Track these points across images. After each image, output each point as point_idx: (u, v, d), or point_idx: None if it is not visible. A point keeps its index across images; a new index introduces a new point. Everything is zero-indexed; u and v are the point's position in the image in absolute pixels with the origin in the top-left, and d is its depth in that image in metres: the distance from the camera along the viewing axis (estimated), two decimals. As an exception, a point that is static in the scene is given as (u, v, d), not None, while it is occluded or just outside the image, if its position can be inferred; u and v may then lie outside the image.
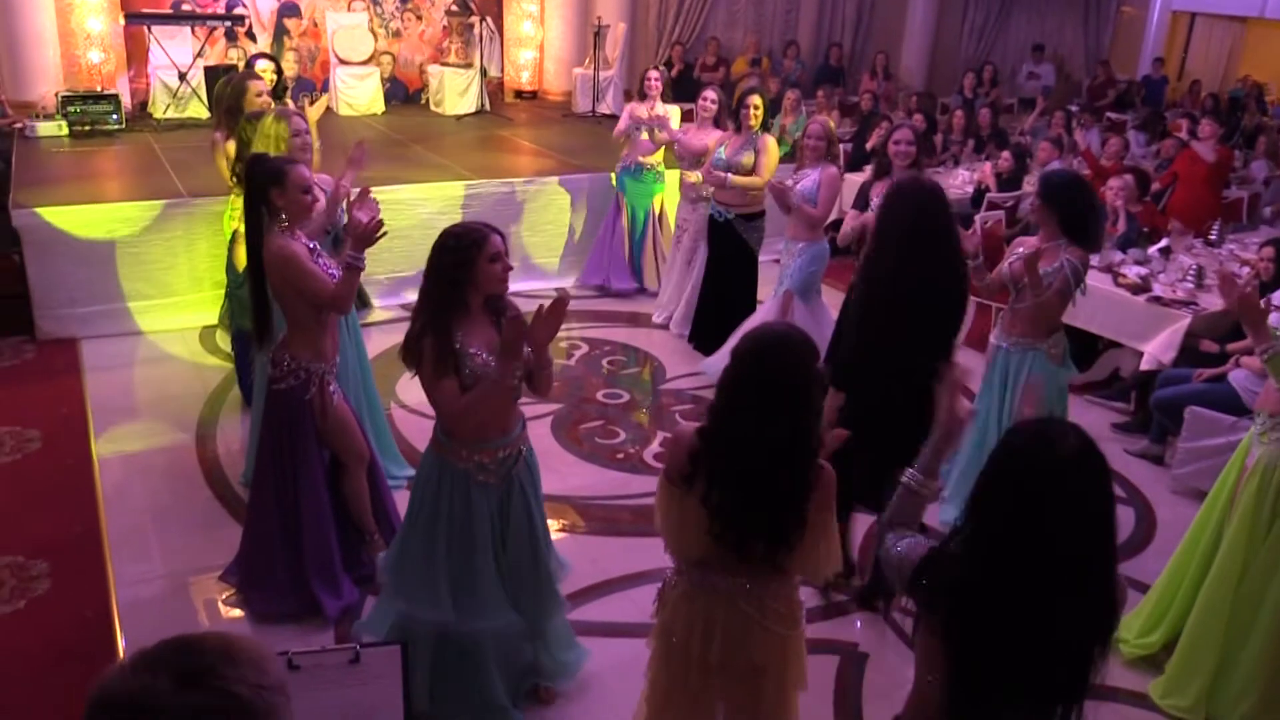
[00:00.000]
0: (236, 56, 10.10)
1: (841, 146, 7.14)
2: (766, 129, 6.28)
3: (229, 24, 10.35)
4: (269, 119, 4.54)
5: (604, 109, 11.01)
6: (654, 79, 7.35)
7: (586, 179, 8.06)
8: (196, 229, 6.65)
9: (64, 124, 8.84)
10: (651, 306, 7.45)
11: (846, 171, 7.04)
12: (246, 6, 10.74)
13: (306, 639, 3.69)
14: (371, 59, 11.03)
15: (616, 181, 7.57)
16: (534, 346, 3.07)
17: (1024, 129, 11.06)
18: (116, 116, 9.09)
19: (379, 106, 10.93)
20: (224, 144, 5.21)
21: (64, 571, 4.18)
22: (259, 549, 3.97)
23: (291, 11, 11.03)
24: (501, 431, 3.21)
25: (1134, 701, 3.74)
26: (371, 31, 11.16)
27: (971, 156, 9.68)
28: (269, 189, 3.70)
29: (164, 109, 9.75)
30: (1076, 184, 4.46)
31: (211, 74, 9.27)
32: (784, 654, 2.67)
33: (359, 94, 10.82)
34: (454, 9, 11.46)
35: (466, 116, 10.72)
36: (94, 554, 4.30)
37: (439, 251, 3.12)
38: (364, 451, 4.05)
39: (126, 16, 9.94)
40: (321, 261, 3.81)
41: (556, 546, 3.63)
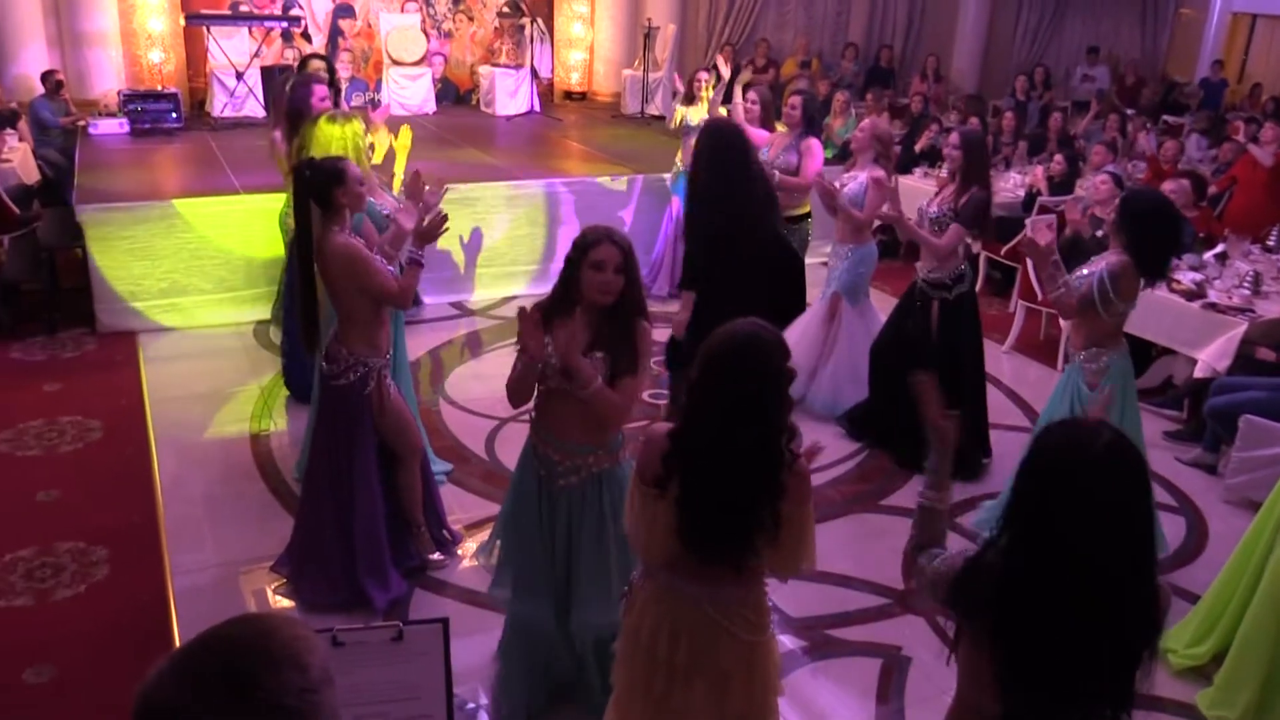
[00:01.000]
0: (292, 57, 10.27)
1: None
2: (814, 131, 6.25)
3: (285, 25, 10.55)
4: (355, 122, 4.55)
5: (653, 110, 11.05)
6: (703, 81, 7.38)
7: (640, 180, 8.07)
8: (252, 225, 6.78)
9: (125, 122, 9.06)
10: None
11: (897, 174, 6.99)
12: (302, 7, 10.93)
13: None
14: (424, 59, 11.17)
15: (674, 184, 7.60)
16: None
17: (1077, 132, 10.92)
18: (175, 115, 9.31)
19: (430, 106, 11.07)
20: (283, 145, 5.29)
21: (122, 558, 4.30)
22: (311, 540, 4.04)
23: (346, 13, 11.20)
24: (569, 437, 3.18)
25: (1181, 712, 3.69)
26: (424, 32, 11.30)
27: (1023, 159, 9.58)
28: (333, 189, 3.74)
29: (221, 107, 9.95)
30: (1156, 212, 4.14)
31: (268, 74, 9.47)
32: (750, 660, 2.61)
33: (411, 94, 10.97)
34: (505, 10, 11.57)
35: (516, 117, 10.82)
36: (151, 541, 4.41)
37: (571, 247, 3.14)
38: (419, 445, 4.14)
39: (187, 17, 10.16)
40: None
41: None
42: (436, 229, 3.80)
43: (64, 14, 9.64)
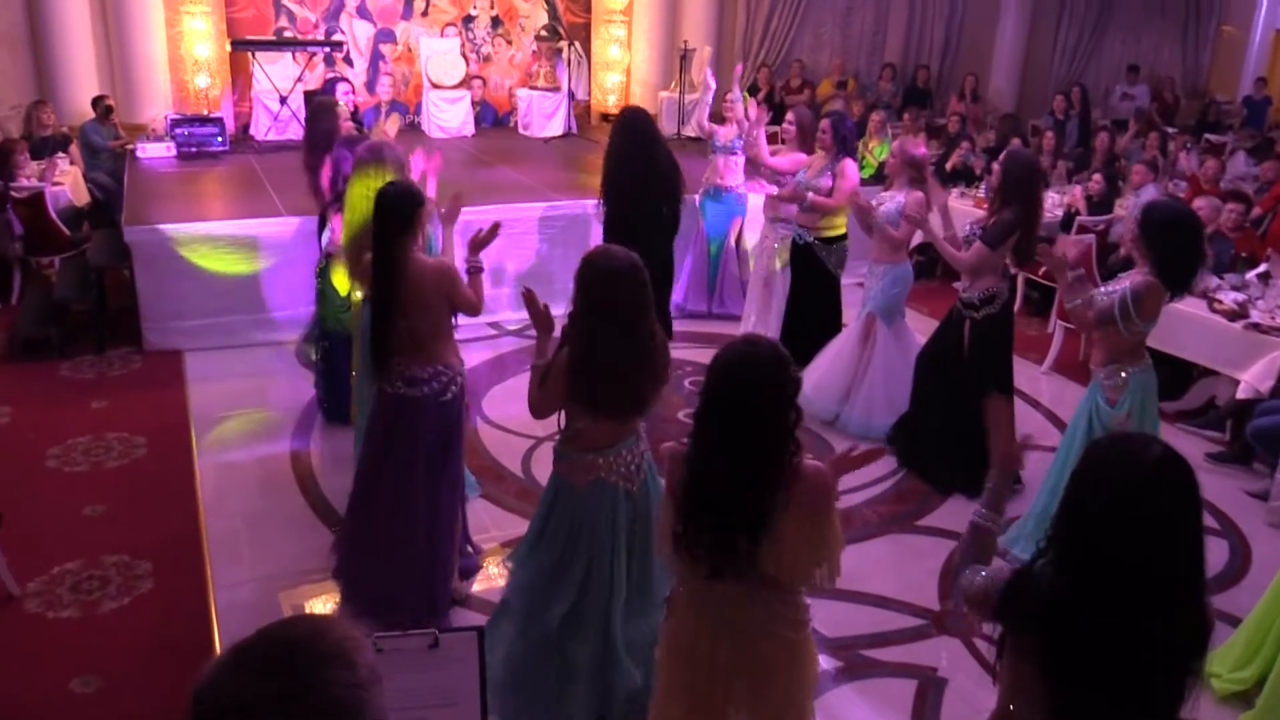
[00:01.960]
0: (324, 80, 10.48)
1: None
2: (848, 152, 6.26)
3: (328, 50, 10.75)
4: (386, 171, 4.42)
5: (689, 132, 11.11)
6: (732, 100, 7.43)
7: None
8: (293, 246, 6.90)
9: (172, 145, 9.27)
10: (726, 327, 7.52)
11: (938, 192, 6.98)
12: (344, 33, 11.14)
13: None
14: (463, 83, 11.33)
15: (699, 204, 7.66)
16: None
17: (1118, 150, 10.83)
18: (221, 139, 9.51)
19: (469, 129, 11.21)
20: (325, 174, 5.26)
21: (166, 571, 4.39)
22: (399, 566, 3.96)
23: (387, 37, 11.40)
24: (618, 439, 3.28)
25: (1225, 737, 3.64)
26: (463, 56, 11.46)
27: (1062, 178, 9.52)
28: (417, 211, 3.81)
29: (265, 131, 10.15)
30: (1177, 223, 4.08)
31: (310, 98, 9.64)
32: (792, 656, 2.66)
33: (450, 117, 11.12)
34: (543, 34, 11.71)
35: (553, 139, 10.92)
36: (194, 555, 4.50)
37: None
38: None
39: (233, 43, 10.39)
40: None
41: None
42: (490, 239, 3.98)
43: (114, 41, 9.89)
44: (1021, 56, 14.05)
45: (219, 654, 1.32)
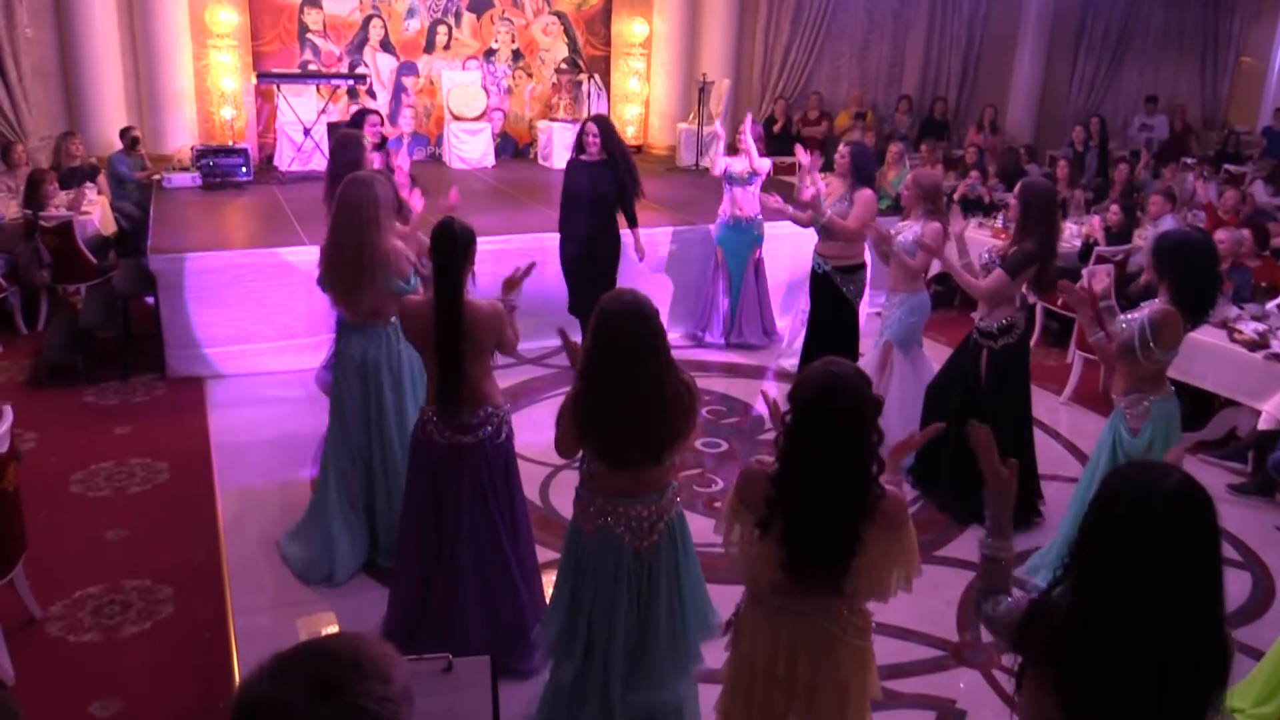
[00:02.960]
0: (352, 113, 10.62)
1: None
2: (866, 181, 6.30)
3: (351, 82, 10.92)
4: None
5: (707, 163, 11.18)
6: (745, 130, 7.51)
7: (685, 230, 8.20)
8: (316, 275, 6.94)
9: (198, 175, 9.41)
10: (745, 358, 7.57)
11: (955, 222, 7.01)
12: (368, 66, 11.30)
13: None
14: (484, 115, 11.45)
15: (717, 237, 7.73)
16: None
17: (1135, 181, 10.84)
18: (246, 169, 9.65)
19: (489, 160, 11.32)
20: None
21: (186, 596, 4.42)
22: (494, 616, 3.89)
23: (410, 70, 11.55)
24: (638, 492, 3.21)
25: (1249, 773, 3.59)
26: (484, 89, 11.60)
27: (1080, 209, 9.52)
28: (471, 246, 3.76)
29: (289, 162, 10.29)
30: (1189, 249, 4.09)
31: (333, 129, 9.76)
32: (863, 664, 2.77)
33: (471, 149, 11.24)
34: (563, 67, 11.85)
35: (573, 170, 11.00)
36: (214, 581, 4.53)
37: None
38: None
39: (258, 76, 10.56)
40: None
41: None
42: (523, 278, 3.91)
43: (143, 74, 10.07)
44: (1039, 88, 14.09)
45: (267, 658, 1.39)
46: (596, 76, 11.81)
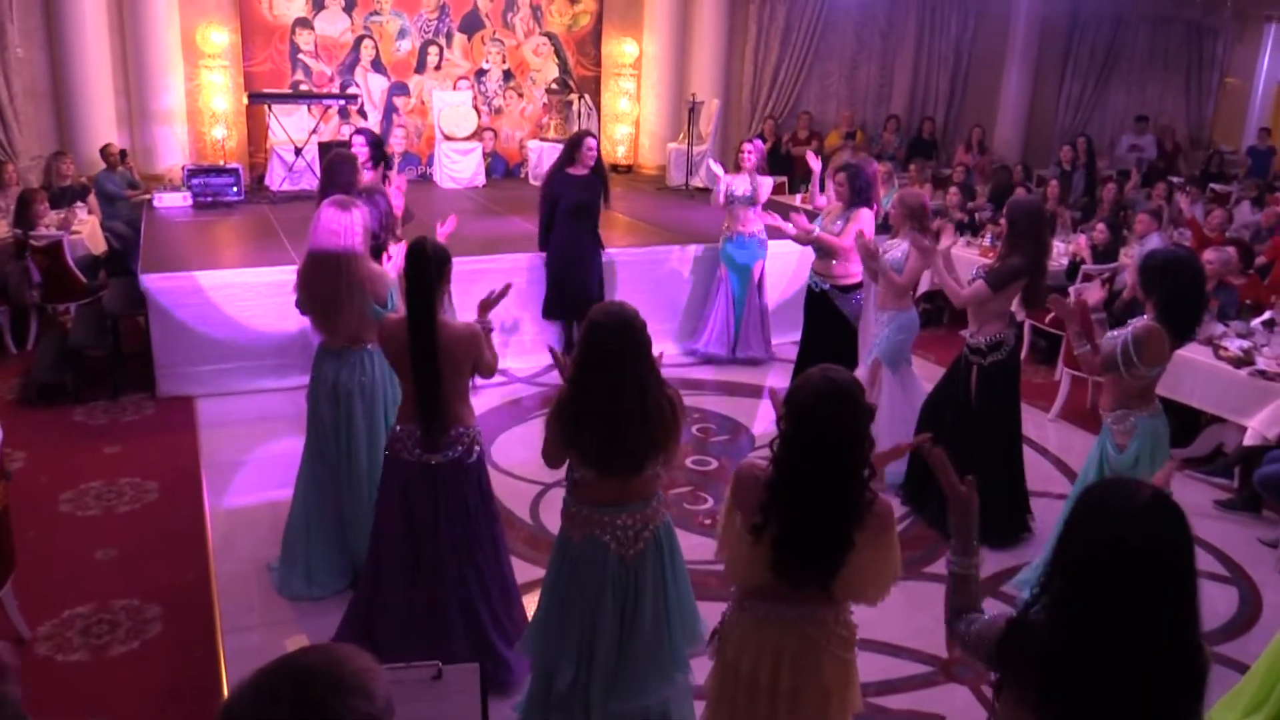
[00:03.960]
0: (348, 133, 10.66)
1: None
2: (863, 202, 6.36)
3: (343, 102, 10.96)
4: None
5: (697, 183, 11.25)
6: (748, 151, 7.56)
7: (677, 250, 8.26)
8: (307, 294, 6.96)
9: (189, 195, 9.43)
10: (746, 376, 7.60)
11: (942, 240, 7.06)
12: (359, 86, 11.36)
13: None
14: (474, 135, 11.51)
15: (722, 251, 7.80)
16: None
17: (1123, 200, 10.93)
18: (237, 189, 9.67)
19: (480, 180, 11.37)
20: None
21: (175, 615, 4.40)
22: (451, 627, 3.86)
23: (401, 90, 11.61)
24: (625, 500, 3.26)
25: (1237, 788, 3.60)
26: (475, 109, 11.65)
27: (1067, 228, 9.60)
28: (446, 267, 3.75)
29: (280, 181, 10.32)
30: (1175, 268, 4.10)
31: (325, 149, 9.80)
32: (847, 676, 2.79)
33: (462, 168, 11.28)
34: (554, 87, 11.93)
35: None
36: (204, 600, 4.52)
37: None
38: None
39: (250, 96, 10.60)
40: None
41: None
42: (498, 300, 3.94)
43: (134, 94, 10.11)
44: (1027, 107, 14.22)
45: (249, 675, 1.37)
46: (587, 96, 11.88)
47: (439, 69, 11.76)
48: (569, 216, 7.15)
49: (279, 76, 11.01)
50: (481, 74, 11.97)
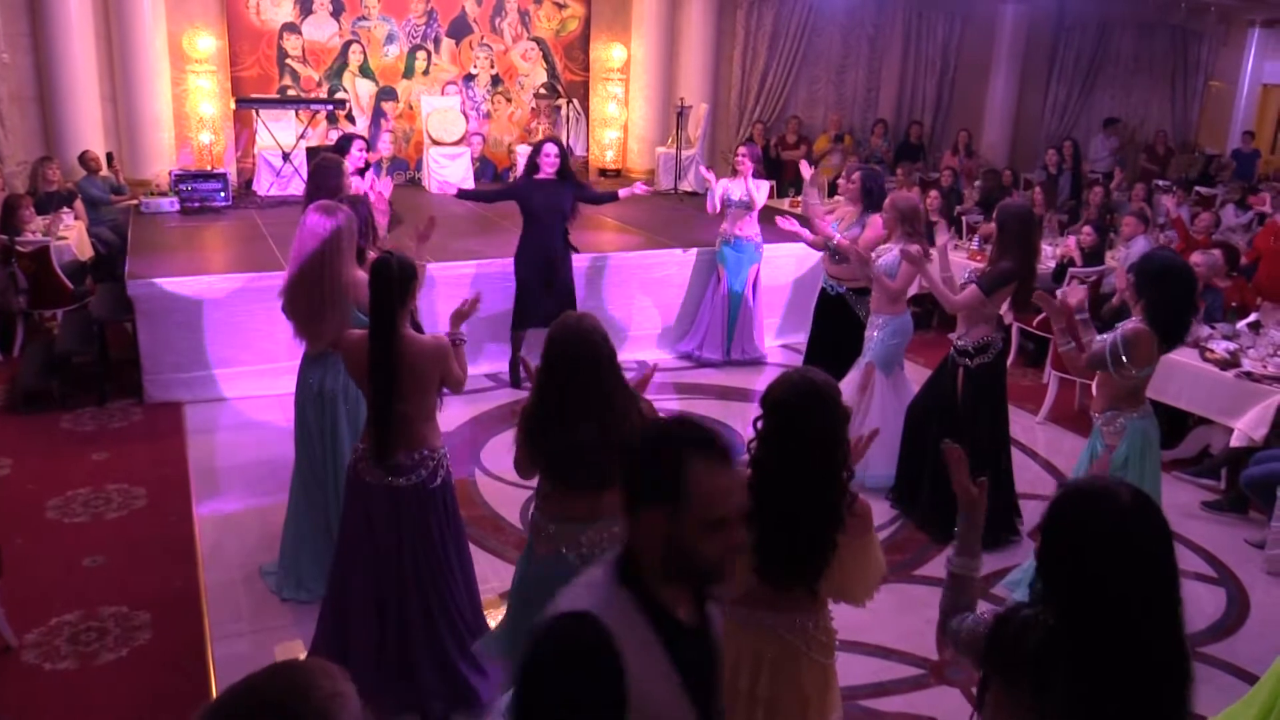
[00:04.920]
0: (337, 138, 10.64)
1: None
2: (877, 207, 6.36)
3: (330, 107, 10.94)
4: None
5: (685, 187, 11.27)
6: (743, 155, 7.57)
7: (668, 253, 8.27)
8: (295, 299, 6.94)
9: (176, 200, 9.40)
10: (740, 380, 7.62)
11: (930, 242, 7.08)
12: (347, 91, 11.34)
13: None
14: (463, 139, 11.50)
15: (719, 254, 7.81)
16: None
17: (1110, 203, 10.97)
18: (224, 194, 9.64)
19: (469, 184, 11.33)
20: None
21: (164, 623, 4.38)
22: (408, 649, 3.79)
23: (389, 95, 11.60)
24: (595, 514, 3.20)
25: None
26: (463, 114, 11.65)
27: (1054, 230, 9.64)
28: (411, 283, 3.64)
29: (267, 187, 10.29)
30: (1171, 276, 4.09)
31: (313, 154, 9.78)
32: (825, 682, 2.78)
33: (450, 172, 11.26)
34: (542, 92, 11.94)
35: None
36: (192, 607, 4.49)
37: None
38: None
39: (237, 101, 10.57)
40: None
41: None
42: (471, 310, 3.86)
43: (121, 99, 10.07)
44: (1013, 111, 14.30)
45: (208, 703, 1.32)
46: (575, 101, 11.89)
47: (427, 74, 11.75)
48: (537, 221, 7.14)
49: (267, 82, 10.98)
50: (470, 79, 11.97)
